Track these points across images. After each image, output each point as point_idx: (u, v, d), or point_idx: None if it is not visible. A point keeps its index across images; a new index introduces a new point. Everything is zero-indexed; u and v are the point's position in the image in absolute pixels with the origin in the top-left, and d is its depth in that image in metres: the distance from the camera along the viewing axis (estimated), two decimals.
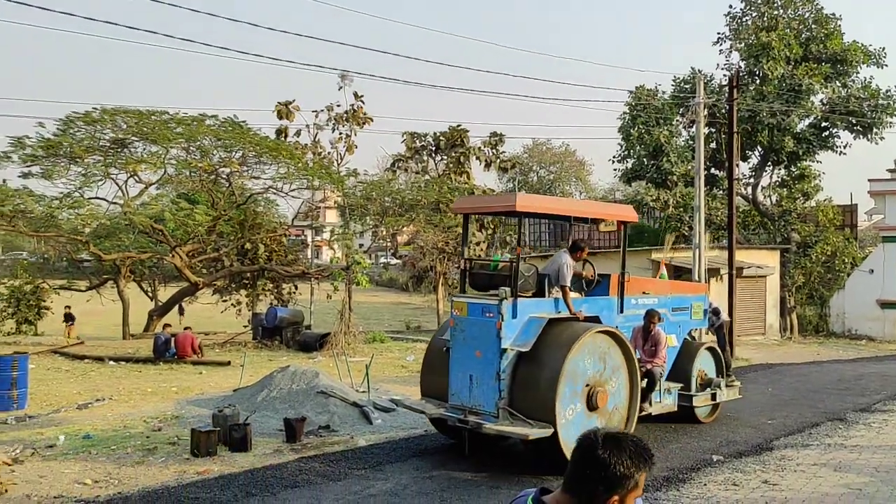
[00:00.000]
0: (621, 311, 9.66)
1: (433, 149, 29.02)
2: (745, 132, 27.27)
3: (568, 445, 7.62)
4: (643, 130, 30.24)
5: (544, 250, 30.74)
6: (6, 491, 7.53)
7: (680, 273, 22.79)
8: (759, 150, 30.30)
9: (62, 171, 20.29)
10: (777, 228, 29.98)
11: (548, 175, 60.90)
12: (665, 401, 10.16)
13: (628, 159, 32.14)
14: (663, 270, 12.65)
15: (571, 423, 7.99)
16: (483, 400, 8.32)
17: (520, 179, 53.96)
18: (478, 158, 29.90)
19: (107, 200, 22.44)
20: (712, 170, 30.18)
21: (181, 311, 26.47)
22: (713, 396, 10.92)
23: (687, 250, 22.65)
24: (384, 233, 29.01)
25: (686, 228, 28.12)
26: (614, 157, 32.87)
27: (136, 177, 22.29)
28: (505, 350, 8.10)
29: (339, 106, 25.21)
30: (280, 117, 24.14)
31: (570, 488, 2.35)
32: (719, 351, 11.44)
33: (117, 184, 22.07)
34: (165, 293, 27.50)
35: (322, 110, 25.11)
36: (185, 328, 19.28)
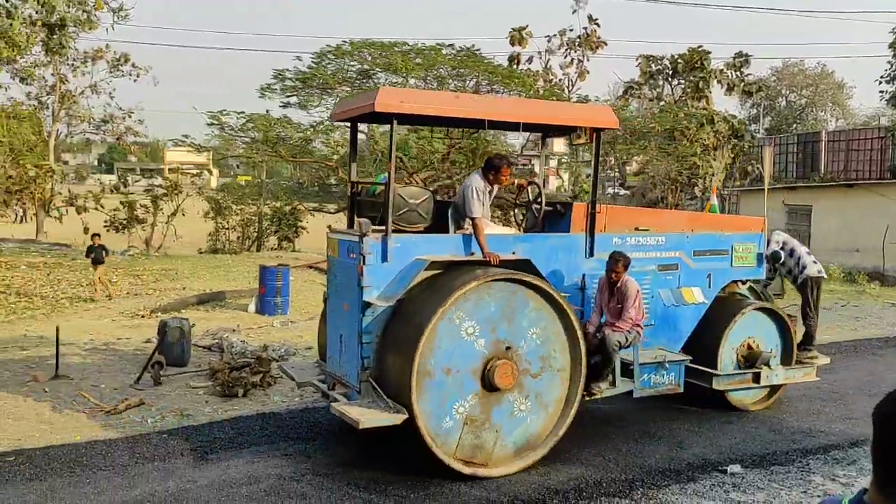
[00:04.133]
0: (590, 255, 7.01)
1: (670, 73, 27.51)
2: None
3: (439, 440, 5.84)
4: None
5: (790, 181, 28.28)
6: (275, 382, 8.69)
7: None
8: None
9: (315, 101, 22.04)
10: None
11: (798, 100, 55.34)
12: (657, 379, 7.18)
13: None
14: (714, 200, 9.49)
15: (449, 408, 5.92)
16: (349, 368, 6.40)
17: (766, 105, 49.66)
18: (719, 82, 27.89)
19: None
20: None
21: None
22: (756, 378, 7.86)
23: None
24: (612, 162, 28.31)
25: None
26: (881, 77, 29.10)
27: None
28: (369, 304, 6.05)
29: (571, 30, 24.69)
30: (513, 44, 24.18)
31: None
32: (784, 315, 8.14)
33: None
34: None
35: (555, 35, 24.76)
36: None
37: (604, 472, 6.26)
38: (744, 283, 8.46)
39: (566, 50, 24.79)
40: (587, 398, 6.62)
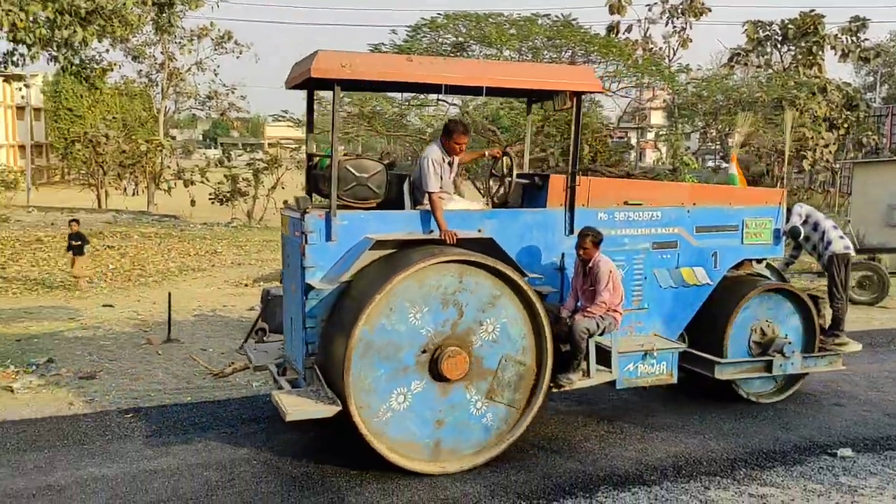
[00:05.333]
0: (570, 232, 6.34)
1: (779, 39, 26.16)
2: None
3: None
4: None
5: None
6: None
7: None
8: None
9: None
10: None
11: None
12: (646, 368, 6.48)
13: None
14: (733, 169, 8.46)
15: (472, 416, 5.62)
16: (296, 353, 6.02)
17: (883, 72, 46.60)
18: (833, 48, 26.36)
19: (447, 102, 24.11)
20: None
21: None
22: (768, 367, 7.06)
23: None
24: (714, 134, 27.29)
25: None
26: None
27: None
28: (311, 287, 5.60)
29: None
30: (612, 12, 23.54)
31: None
32: (805, 297, 7.32)
33: None
34: None
35: (656, 3, 23.95)
36: None
37: (704, 450, 6.11)
38: (759, 261, 7.70)
39: (668, 18, 23.94)
40: (555, 390, 6.05)
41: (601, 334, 6.13)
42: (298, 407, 5.34)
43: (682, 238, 6.96)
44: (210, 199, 28.66)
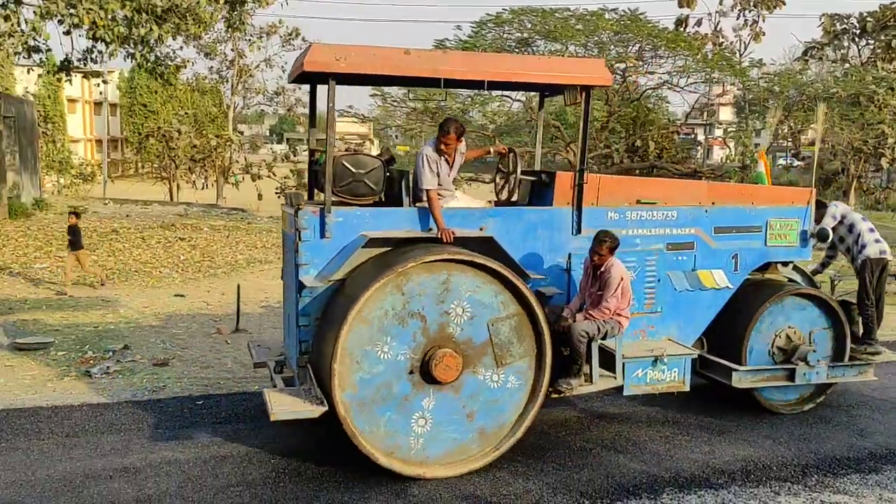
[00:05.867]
0: (578, 231, 6.16)
1: (857, 32, 25.18)
2: None
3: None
4: None
5: None
6: None
7: None
8: None
9: None
10: None
11: None
12: (656, 375, 6.16)
13: None
14: (761, 167, 8.08)
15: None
16: (291, 351, 5.96)
17: None
18: None
19: (511, 98, 24.02)
20: None
21: None
22: (790, 375, 6.70)
23: None
24: (786, 131, 26.47)
25: None
26: None
27: None
28: (303, 284, 5.50)
29: None
30: (681, 6, 23.04)
31: None
32: (834, 303, 7.00)
33: None
34: None
35: None
36: None
37: (773, 454, 5.96)
38: (785, 264, 7.36)
39: (739, 10, 23.32)
40: (554, 395, 5.85)
41: (603, 338, 5.93)
42: (285, 406, 5.27)
43: (699, 239, 6.67)
44: (276, 193, 29.20)
